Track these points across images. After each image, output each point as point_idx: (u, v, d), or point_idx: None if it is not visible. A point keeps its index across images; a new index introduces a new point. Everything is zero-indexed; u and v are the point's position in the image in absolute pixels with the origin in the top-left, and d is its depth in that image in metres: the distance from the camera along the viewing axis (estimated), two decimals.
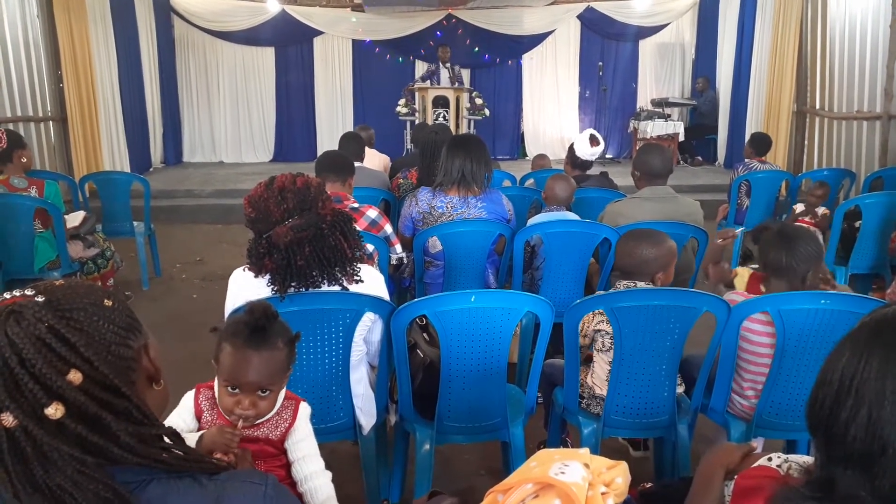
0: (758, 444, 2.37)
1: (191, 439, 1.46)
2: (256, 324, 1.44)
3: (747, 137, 6.77)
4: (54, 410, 0.82)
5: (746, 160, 5.97)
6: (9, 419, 0.81)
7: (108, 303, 0.95)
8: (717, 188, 8.05)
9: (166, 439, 0.97)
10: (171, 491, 0.92)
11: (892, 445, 0.83)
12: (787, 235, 2.18)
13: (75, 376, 0.84)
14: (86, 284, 0.98)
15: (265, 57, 11.16)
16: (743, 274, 2.85)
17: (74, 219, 4.35)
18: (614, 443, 2.87)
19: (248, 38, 10.93)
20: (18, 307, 0.86)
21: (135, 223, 5.26)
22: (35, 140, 7.10)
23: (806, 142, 8.16)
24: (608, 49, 11.41)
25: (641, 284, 2.38)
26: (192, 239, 7.01)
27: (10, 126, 6.34)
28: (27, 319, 0.85)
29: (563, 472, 1.20)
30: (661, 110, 10.35)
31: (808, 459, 1.14)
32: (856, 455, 0.86)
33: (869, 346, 0.88)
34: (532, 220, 3.69)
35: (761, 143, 6.02)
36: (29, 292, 0.90)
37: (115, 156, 8.52)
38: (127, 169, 8.56)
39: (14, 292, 0.91)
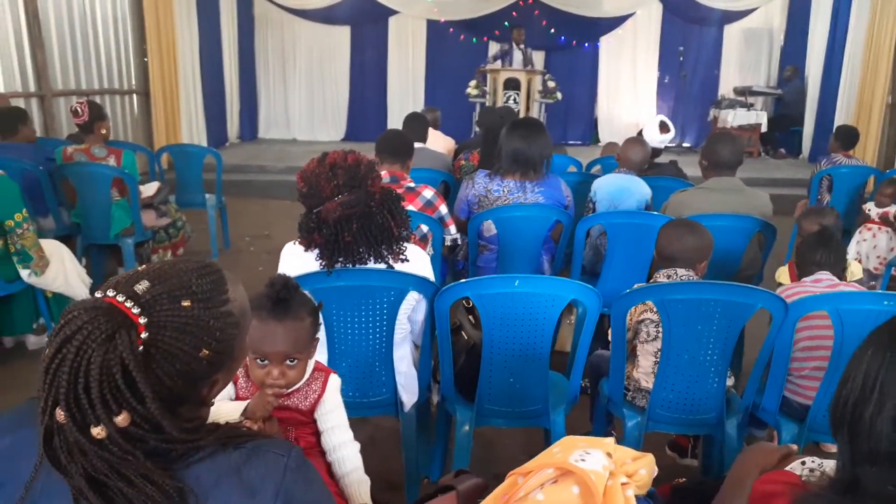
0: None
1: (236, 408, 1.51)
2: (278, 296, 1.48)
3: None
4: (97, 432, 0.86)
5: (831, 154, 5.67)
6: (61, 416, 0.87)
7: (205, 353, 0.94)
8: (799, 182, 7.68)
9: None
10: (195, 459, 0.93)
11: None
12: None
13: (124, 418, 0.87)
14: (212, 310, 0.96)
15: (341, 36, 11.29)
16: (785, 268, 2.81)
17: (149, 189, 4.54)
18: (660, 439, 2.80)
19: (326, 16, 11.08)
20: (118, 327, 0.87)
21: (207, 195, 5.45)
22: (119, 112, 7.44)
23: None
24: (690, 34, 11.01)
25: (682, 272, 2.32)
26: (263, 213, 7.21)
27: (98, 98, 6.67)
28: (112, 353, 0.86)
29: (583, 460, 1.19)
30: (743, 99, 9.93)
31: None
32: (883, 451, 0.83)
33: (892, 344, 0.85)
34: (599, 181, 3.72)
35: (848, 137, 5.70)
36: (136, 310, 0.89)
37: (193, 130, 8.83)
38: (204, 143, 8.88)
39: (124, 298, 0.90)
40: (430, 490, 1.37)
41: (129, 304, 0.90)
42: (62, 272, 3.51)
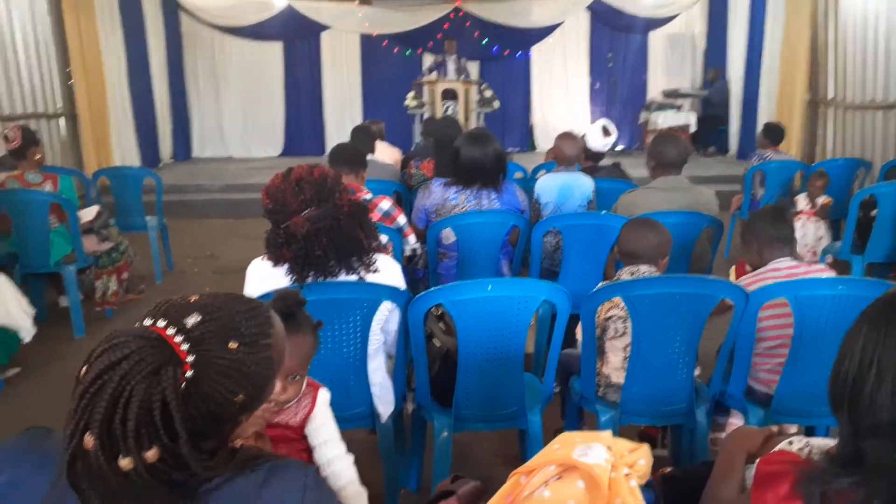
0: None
1: None
2: (288, 310, 1.44)
3: (760, 128, 6.73)
4: (125, 464, 0.83)
5: (761, 150, 5.94)
6: (90, 443, 0.83)
7: (240, 398, 0.92)
8: (730, 179, 7.99)
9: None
10: (213, 486, 0.92)
11: None
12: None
13: (153, 454, 0.84)
14: (255, 355, 0.94)
15: (273, 52, 11.15)
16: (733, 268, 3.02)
17: (88, 213, 4.37)
18: (629, 431, 2.86)
19: (256, 33, 10.92)
20: (165, 361, 0.85)
21: (147, 218, 5.29)
22: (46, 136, 7.12)
23: (819, 131, 8.08)
24: (618, 40, 11.33)
25: (644, 268, 2.39)
26: (203, 233, 7.03)
27: (22, 122, 6.37)
28: (155, 388, 0.84)
29: (585, 455, 1.21)
30: (672, 101, 10.29)
31: (828, 442, 1.14)
32: (884, 424, 0.87)
33: (887, 319, 0.91)
34: (541, 181, 3.77)
35: (775, 133, 5.98)
36: (184, 346, 0.87)
37: (124, 151, 8.55)
38: (137, 164, 8.61)
39: (174, 331, 0.88)
40: (429, 498, 1.37)
41: (178, 338, 0.87)
42: (2, 303, 3.35)
